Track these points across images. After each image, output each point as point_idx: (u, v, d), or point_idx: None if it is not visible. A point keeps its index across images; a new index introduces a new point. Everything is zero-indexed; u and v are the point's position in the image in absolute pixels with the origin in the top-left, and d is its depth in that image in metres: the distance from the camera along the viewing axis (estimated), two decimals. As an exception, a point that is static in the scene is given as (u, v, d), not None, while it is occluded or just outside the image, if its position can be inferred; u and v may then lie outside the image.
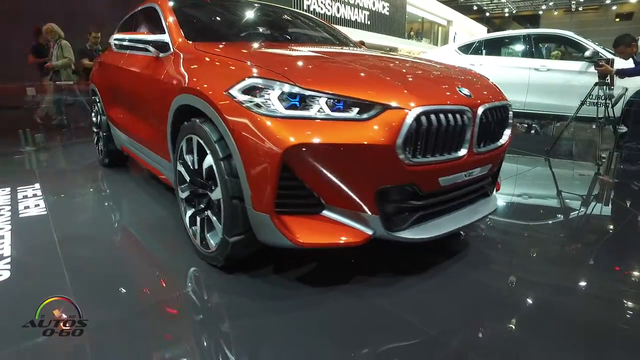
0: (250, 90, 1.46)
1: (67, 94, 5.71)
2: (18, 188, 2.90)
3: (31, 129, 4.82)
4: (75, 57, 5.80)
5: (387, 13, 19.78)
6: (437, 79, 1.85)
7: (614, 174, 3.43)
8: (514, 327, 1.46)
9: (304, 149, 1.36)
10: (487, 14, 27.43)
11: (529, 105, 5.57)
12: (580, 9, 27.19)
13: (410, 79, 1.72)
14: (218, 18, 2.69)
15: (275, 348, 1.29)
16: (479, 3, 26.38)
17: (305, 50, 2.10)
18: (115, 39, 2.53)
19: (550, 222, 2.59)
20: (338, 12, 16.81)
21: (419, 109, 1.45)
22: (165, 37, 2.20)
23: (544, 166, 3.97)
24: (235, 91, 1.49)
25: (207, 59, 1.85)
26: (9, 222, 2.31)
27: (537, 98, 5.47)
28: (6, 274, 1.73)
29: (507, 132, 1.92)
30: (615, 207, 2.94)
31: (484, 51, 6.22)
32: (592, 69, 4.38)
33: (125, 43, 2.37)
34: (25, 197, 2.74)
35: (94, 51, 5.80)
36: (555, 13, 28.02)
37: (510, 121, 1.94)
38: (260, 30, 2.68)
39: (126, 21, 3.22)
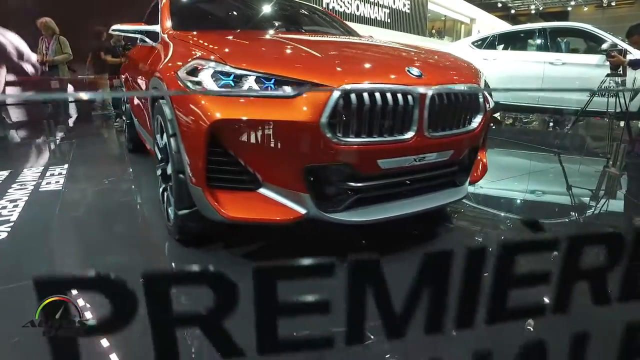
0: (192, 71, 1.57)
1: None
2: (50, 167, 3.30)
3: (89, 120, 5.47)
4: (98, 54, 6.17)
5: (408, 11, 19.62)
6: (386, 60, 1.84)
7: (620, 167, 3.37)
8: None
9: (229, 124, 1.42)
10: (512, 11, 26.73)
11: (544, 100, 5.50)
12: (613, 3, 26.09)
13: (352, 60, 1.74)
14: (212, 8, 2.84)
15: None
16: (503, 0, 25.77)
17: (274, 37, 2.20)
18: (113, 30, 2.70)
19: (553, 215, 2.59)
20: (358, 10, 16.81)
21: (346, 87, 1.44)
22: (157, 27, 2.38)
23: (552, 160, 3.94)
24: (181, 72, 1.61)
25: (177, 46, 1.99)
26: (28, 194, 2.63)
27: (551, 92, 5.39)
28: (3, 235, 2.04)
29: (478, 118, 1.81)
30: (624, 201, 2.91)
31: (498, 46, 6.17)
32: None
33: (130, 35, 2.59)
34: (52, 174, 3.08)
35: (117, 47, 6.10)
36: (585, 9, 26.97)
37: (488, 106, 1.85)
38: (250, 19, 2.79)
39: (148, 14, 3.45)
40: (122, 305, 0.44)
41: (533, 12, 27.03)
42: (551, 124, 6.55)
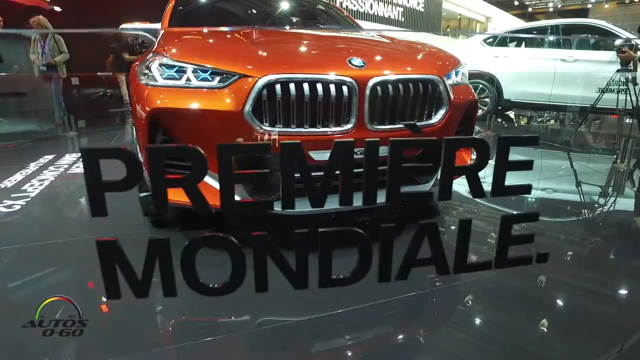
0: (147, 65, 1.68)
1: None
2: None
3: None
4: (118, 53, 6.41)
5: (422, 10, 19.51)
6: (330, 51, 1.81)
7: (629, 163, 3.36)
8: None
9: (167, 113, 1.51)
10: (530, 10, 26.29)
11: (555, 98, 5.46)
12: (636, 0, 25.37)
13: (289, 51, 1.74)
14: (206, 8, 2.89)
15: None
16: (521, -2, 25.37)
17: (242, 32, 2.21)
18: (122, 28, 2.79)
19: (560, 212, 2.62)
20: (371, 9, 16.82)
21: (271, 77, 1.45)
22: (158, 26, 2.48)
23: (562, 157, 3.93)
24: (139, 66, 1.72)
25: (155, 42, 2.07)
26: (56, 175, 3.01)
27: (563, 90, 5.35)
28: (17, 207, 2.36)
29: (441, 112, 1.72)
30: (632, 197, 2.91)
31: (510, 43, 6.15)
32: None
33: (139, 33, 2.70)
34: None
35: (135, 46, 6.31)
36: (607, 6, 26.31)
37: (450, 97, 1.73)
38: (239, 16, 2.84)
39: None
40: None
41: (551, 9, 26.51)
42: (563, 122, 6.49)
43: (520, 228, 2.11)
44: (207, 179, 1.56)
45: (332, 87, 1.48)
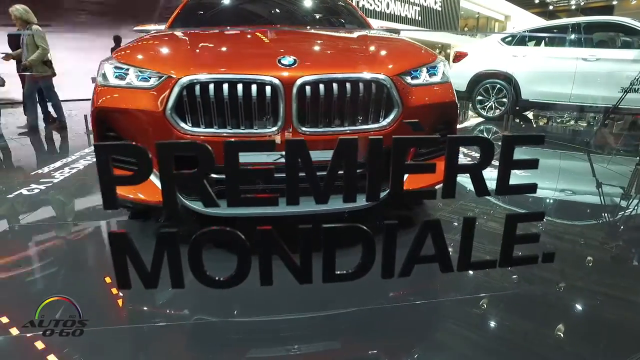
0: (102, 66, 1.74)
1: None
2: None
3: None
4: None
5: (440, 8, 19.31)
6: (265, 49, 1.78)
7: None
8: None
9: (108, 112, 1.60)
10: (551, 7, 25.66)
11: (576, 98, 5.32)
12: (665, -3, 24.45)
13: (220, 51, 1.73)
14: (207, 9, 2.91)
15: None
16: (542, -4, 24.80)
17: (205, 33, 2.21)
18: (134, 30, 2.82)
19: (578, 214, 2.56)
20: (388, 8, 16.74)
21: (191, 77, 1.45)
22: (162, 27, 2.57)
23: (582, 159, 3.84)
24: (99, 66, 1.79)
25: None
26: (87, 164, 3.24)
27: (584, 90, 5.21)
28: (36, 191, 2.55)
29: (392, 115, 1.56)
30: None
31: (529, 42, 6.02)
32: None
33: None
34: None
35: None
36: (634, 2, 25.43)
37: (403, 99, 1.57)
38: (228, 17, 2.83)
39: None
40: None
41: (573, 7, 25.82)
42: (584, 122, 6.32)
43: (536, 229, 2.08)
44: (152, 176, 1.57)
45: (254, 88, 1.44)
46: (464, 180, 0.75)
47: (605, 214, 2.47)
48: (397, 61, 1.70)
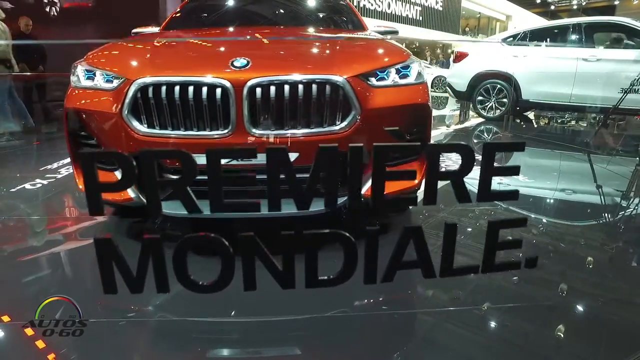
0: (75, 68, 1.77)
1: None
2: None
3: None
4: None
5: (441, 8, 19.27)
6: (215, 52, 1.80)
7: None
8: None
9: (77, 111, 1.64)
10: (552, 7, 25.57)
11: (576, 98, 5.29)
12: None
13: (175, 53, 1.78)
14: (198, 11, 2.92)
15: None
16: (543, -5, 24.72)
17: (184, 37, 2.27)
18: (133, 32, 2.80)
19: (579, 215, 2.55)
20: (389, 8, 16.72)
21: (144, 80, 1.47)
22: (156, 30, 2.61)
23: (581, 160, 3.82)
24: (73, 68, 1.82)
25: None
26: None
27: (585, 90, 5.18)
28: (40, 185, 2.64)
29: (349, 118, 1.51)
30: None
31: (530, 43, 5.99)
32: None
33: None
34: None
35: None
36: (636, 2, 25.29)
37: (361, 101, 1.52)
38: (217, 19, 2.83)
39: None
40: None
41: (575, 7, 25.72)
42: (585, 123, 6.30)
43: (537, 230, 2.07)
44: (118, 174, 1.58)
45: (205, 90, 1.44)
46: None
47: (606, 214, 2.46)
48: (361, 62, 1.65)
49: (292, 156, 1.46)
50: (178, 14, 2.82)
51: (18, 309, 1.41)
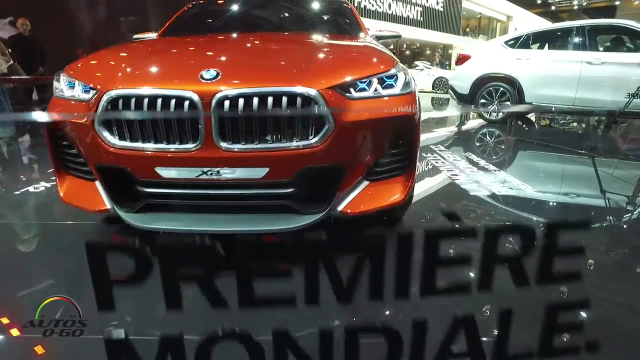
0: (58, 78, 1.77)
1: None
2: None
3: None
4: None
5: (441, 9, 19.25)
6: (186, 62, 1.76)
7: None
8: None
9: (58, 122, 1.64)
10: (553, 8, 25.56)
11: (580, 102, 5.25)
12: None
13: (149, 65, 1.72)
14: (196, 18, 2.90)
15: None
16: (544, -4, 24.70)
17: (177, 44, 2.23)
18: (134, 38, 2.74)
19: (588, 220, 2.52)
20: (390, 9, 16.69)
21: (114, 92, 1.47)
22: (154, 35, 2.60)
23: (586, 164, 3.78)
24: (56, 77, 1.82)
25: None
26: None
27: (588, 93, 5.14)
28: (42, 188, 2.61)
29: (322, 132, 1.44)
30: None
31: (533, 45, 5.95)
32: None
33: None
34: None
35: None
36: (636, 2, 25.29)
37: (335, 115, 1.45)
38: (219, 25, 2.78)
39: None
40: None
41: (576, 7, 25.69)
42: (588, 126, 6.26)
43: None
44: (98, 184, 1.63)
45: (173, 103, 1.43)
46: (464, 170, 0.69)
47: (610, 218, 2.42)
48: (339, 72, 1.57)
49: (262, 171, 1.47)
50: (175, 21, 2.80)
51: (18, 309, 1.39)
